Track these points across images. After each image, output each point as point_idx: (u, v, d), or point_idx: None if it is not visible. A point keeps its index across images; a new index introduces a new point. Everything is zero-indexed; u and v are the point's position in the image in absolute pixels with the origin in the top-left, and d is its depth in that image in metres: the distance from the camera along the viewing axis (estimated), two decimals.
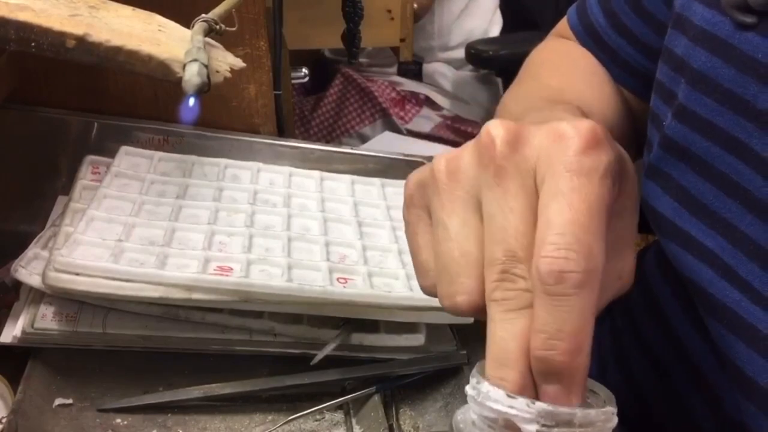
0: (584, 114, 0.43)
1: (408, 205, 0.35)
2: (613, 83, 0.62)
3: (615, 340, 0.64)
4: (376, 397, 0.53)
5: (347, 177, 0.71)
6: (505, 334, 0.29)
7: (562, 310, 0.28)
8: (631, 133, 0.62)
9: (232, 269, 0.53)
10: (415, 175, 0.35)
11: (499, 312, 0.29)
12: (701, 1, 0.47)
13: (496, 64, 1.80)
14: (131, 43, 0.46)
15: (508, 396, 0.28)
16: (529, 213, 0.30)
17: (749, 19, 0.43)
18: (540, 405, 0.28)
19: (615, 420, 0.30)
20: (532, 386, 0.29)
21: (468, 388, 0.30)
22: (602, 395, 0.32)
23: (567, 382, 0.28)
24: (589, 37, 0.63)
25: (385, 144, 1.69)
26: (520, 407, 0.28)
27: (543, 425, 0.28)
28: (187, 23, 0.52)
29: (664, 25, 0.52)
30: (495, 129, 0.31)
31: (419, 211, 0.34)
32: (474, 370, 0.31)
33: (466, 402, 0.31)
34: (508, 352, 0.29)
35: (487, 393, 0.29)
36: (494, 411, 0.29)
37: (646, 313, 0.60)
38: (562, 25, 0.67)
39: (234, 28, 0.54)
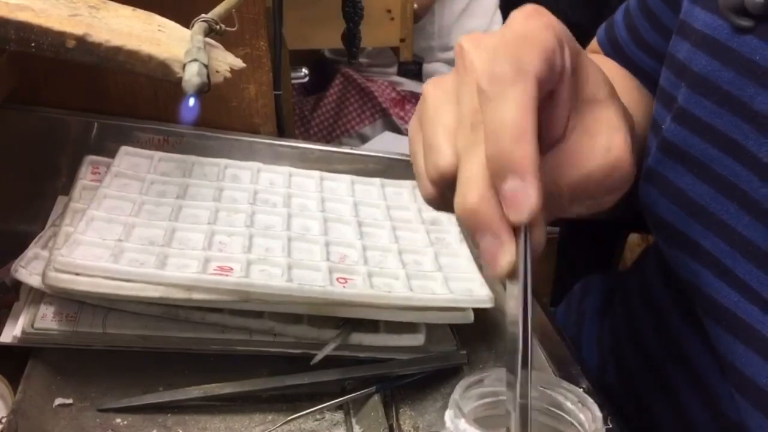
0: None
1: (410, 135, 0.39)
2: (642, 89, 0.63)
3: (615, 340, 0.64)
4: (376, 397, 0.53)
5: (347, 177, 0.71)
6: (467, 164, 0.32)
7: (500, 106, 0.31)
8: None
9: (232, 269, 0.53)
10: (414, 114, 0.39)
11: (465, 153, 0.33)
12: (702, 7, 0.48)
13: None
14: (131, 43, 0.47)
15: None
16: None
17: (746, 23, 0.44)
18: None
19: None
20: (493, 200, 0.31)
21: (446, 418, 0.30)
22: (589, 410, 0.32)
23: (517, 170, 0.30)
24: (613, 50, 0.65)
25: (385, 144, 1.69)
26: None
27: None
28: (187, 23, 0.52)
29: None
30: (462, 39, 0.36)
31: (417, 135, 0.38)
32: (451, 400, 0.31)
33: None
34: (469, 177, 0.32)
35: (464, 431, 0.29)
36: None
37: (646, 314, 0.60)
38: (594, 43, 0.70)
39: (234, 28, 0.54)
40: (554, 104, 0.34)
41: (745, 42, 0.44)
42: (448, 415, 0.30)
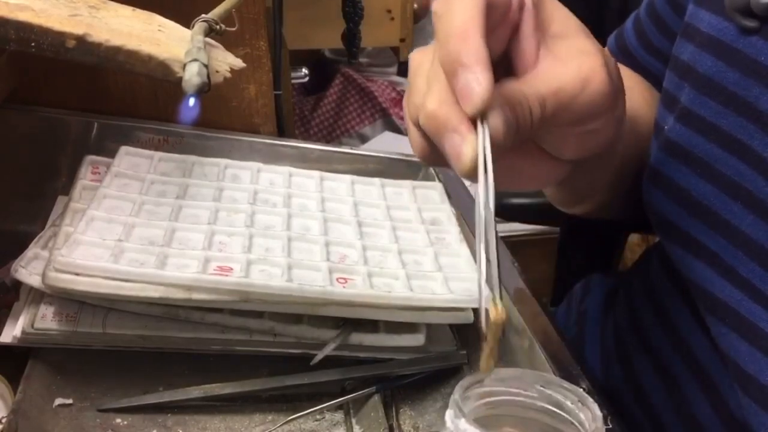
0: (634, 122, 0.49)
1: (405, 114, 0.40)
2: (653, 90, 0.63)
3: (618, 340, 0.64)
4: (376, 397, 0.53)
5: (347, 177, 0.71)
6: (433, 86, 0.35)
7: (447, 17, 0.34)
8: None
9: (232, 269, 0.53)
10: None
11: (432, 79, 0.36)
12: (708, 9, 0.48)
13: None
14: (131, 43, 0.47)
15: None
16: None
17: (752, 24, 0.44)
18: None
19: None
20: (453, 102, 0.34)
21: (447, 417, 0.30)
22: (589, 410, 0.32)
23: (466, 64, 0.33)
24: (623, 56, 0.65)
25: (385, 144, 1.69)
26: None
27: None
28: (187, 23, 0.52)
29: None
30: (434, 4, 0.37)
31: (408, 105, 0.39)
32: (451, 400, 0.31)
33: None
34: (432, 91, 0.35)
35: (464, 431, 0.29)
36: None
37: (650, 313, 0.60)
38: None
39: (234, 28, 0.54)
40: (520, 38, 0.37)
41: (750, 43, 0.44)
42: (449, 415, 0.30)
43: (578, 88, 0.36)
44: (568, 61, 0.36)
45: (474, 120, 0.33)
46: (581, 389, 0.32)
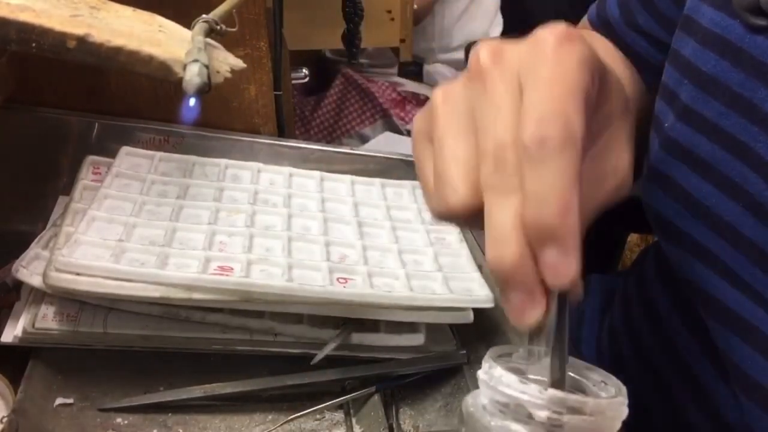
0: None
1: (415, 141, 0.36)
2: (633, 69, 0.62)
3: (612, 341, 0.64)
4: (376, 397, 0.53)
5: (347, 177, 0.71)
6: (500, 214, 0.30)
7: (547, 173, 0.29)
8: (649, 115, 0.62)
9: (232, 269, 0.53)
10: (420, 112, 0.36)
11: (493, 197, 0.31)
12: (710, 4, 0.46)
13: None
14: (132, 44, 0.47)
15: (521, 381, 0.29)
16: (515, 107, 0.31)
17: (761, 22, 0.42)
18: (552, 391, 0.28)
19: (626, 411, 0.30)
20: (530, 259, 0.29)
21: (480, 373, 0.30)
22: (613, 386, 0.32)
23: (561, 243, 0.29)
24: (604, 30, 0.64)
25: (386, 144, 1.69)
26: (531, 393, 0.28)
27: (554, 412, 0.28)
28: (187, 23, 0.52)
29: (673, 23, 0.52)
30: (481, 49, 0.33)
31: (424, 143, 0.36)
32: (487, 355, 0.31)
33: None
34: (504, 231, 0.30)
35: (500, 378, 0.29)
36: (506, 396, 0.29)
37: (642, 314, 0.60)
38: (584, 21, 0.68)
39: (234, 29, 0.54)
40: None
41: (757, 42, 0.43)
42: (483, 368, 0.30)
43: (611, 183, 0.34)
44: (608, 160, 0.34)
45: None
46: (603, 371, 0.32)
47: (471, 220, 0.32)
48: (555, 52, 0.31)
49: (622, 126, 0.35)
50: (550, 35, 0.32)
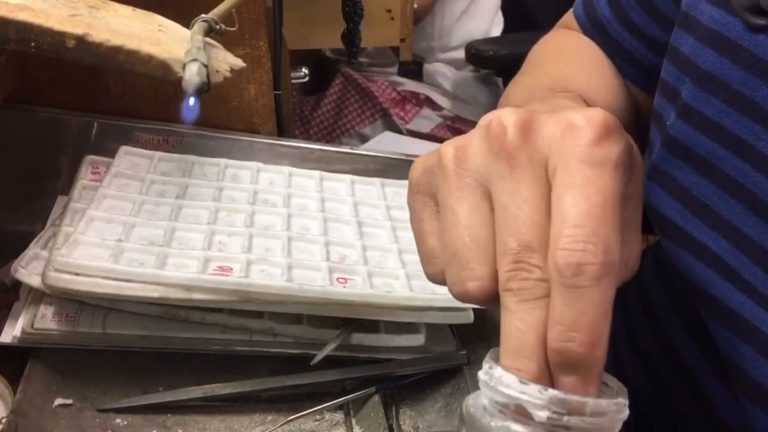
0: (587, 103, 0.43)
1: (414, 191, 0.34)
2: (618, 75, 0.62)
3: (611, 341, 0.64)
4: (376, 397, 0.53)
5: (347, 177, 0.71)
6: (521, 324, 0.29)
7: (581, 302, 0.27)
8: (635, 125, 0.61)
9: (232, 269, 0.53)
10: (422, 161, 0.34)
11: (514, 302, 0.29)
12: (709, 1, 0.46)
13: (497, 64, 1.80)
14: (131, 43, 0.47)
15: (521, 382, 0.28)
16: (542, 204, 0.29)
17: (761, 21, 0.42)
18: (552, 392, 0.28)
19: (626, 412, 0.30)
20: (548, 377, 0.29)
21: (480, 373, 0.30)
22: (614, 387, 0.32)
23: (584, 373, 0.28)
24: (594, 28, 0.63)
25: (386, 144, 1.69)
26: (532, 393, 0.28)
27: (554, 412, 0.28)
28: (187, 23, 0.52)
29: (670, 20, 0.52)
30: (507, 117, 0.31)
31: (425, 198, 0.34)
32: (488, 356, 0.31)
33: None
34: (524, 343, 0.28)
35: (500, 378, 0.29)
36: (506, 396, 0.29)
37: (640, 314, 0.60)
38: (569, 16, 0.67)
39: (234, 28, 0.54)
40: None
41: (758, 41, 0.43)
42: (483, 369, 0.30)
43: (621, 275, 0.32)
44: (622, 248, 0.32)
45: None
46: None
47: (484, 302, 0.31)
48: (592, 150, 0.29)
49: (637, 209, 0.33)
50: (587, 125, 0.30)
